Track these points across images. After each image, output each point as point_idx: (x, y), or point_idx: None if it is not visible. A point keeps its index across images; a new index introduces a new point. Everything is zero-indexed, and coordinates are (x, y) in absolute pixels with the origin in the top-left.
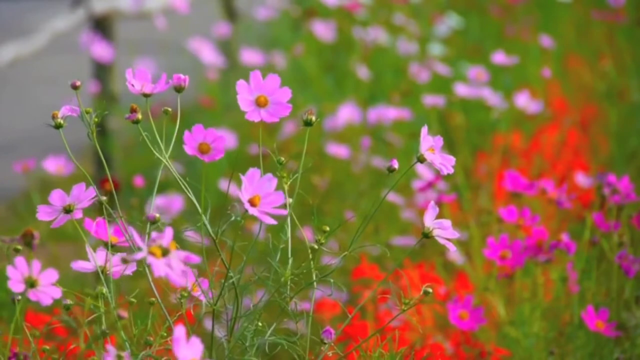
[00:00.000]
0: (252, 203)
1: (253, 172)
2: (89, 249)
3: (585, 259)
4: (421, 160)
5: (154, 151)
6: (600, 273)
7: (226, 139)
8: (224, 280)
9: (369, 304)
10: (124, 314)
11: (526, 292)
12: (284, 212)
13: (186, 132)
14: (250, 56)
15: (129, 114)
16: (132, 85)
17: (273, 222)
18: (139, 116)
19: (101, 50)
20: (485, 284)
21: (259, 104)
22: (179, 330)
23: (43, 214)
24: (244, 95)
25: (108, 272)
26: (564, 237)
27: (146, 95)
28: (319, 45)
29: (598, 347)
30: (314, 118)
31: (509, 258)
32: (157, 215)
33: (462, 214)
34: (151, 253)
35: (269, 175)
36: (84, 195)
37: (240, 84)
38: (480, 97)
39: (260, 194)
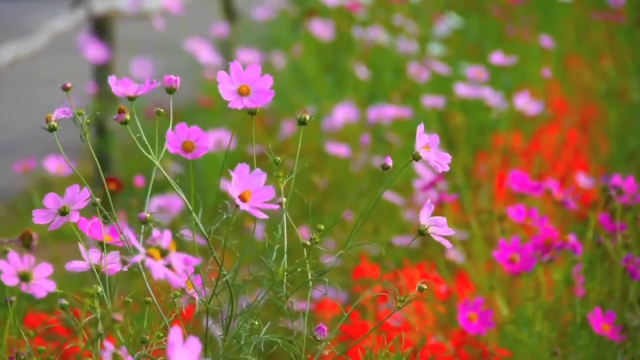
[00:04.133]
0: (243, 198)
1: (242, 167)
2: (81, 248)
3: (588, 259)
4: (416, 158)
5: (145, 153)
6: (602, 273)
7: (209, 137)
8: (216, 279)
9: (369, 304)
10: (119, 317)
11: (529, 292)
12: (275, 207)
13: (169, 132)
14: (246, 56)
15: (116, 115)
16: (116, 88)
17: (265, 216)
18: (127, 117)
19: (96, 51)
20: (490, 283)
21: (242, 93)
22: (175, 334)
23: (39, 217)
24: (226, 85)
25: (103, 270)
26: (571, 238)
27: (131, 99)
28: (319, 45)
29: (600, 348)
30: (307, 117)
31: (517, 262)
32: (148, 215)
33: (463, 214)
34: (149, 255)
35: (258, 170)
36: (78, 196)
37: (221, 74)
38: (480, 97)
39: (250, 189)
